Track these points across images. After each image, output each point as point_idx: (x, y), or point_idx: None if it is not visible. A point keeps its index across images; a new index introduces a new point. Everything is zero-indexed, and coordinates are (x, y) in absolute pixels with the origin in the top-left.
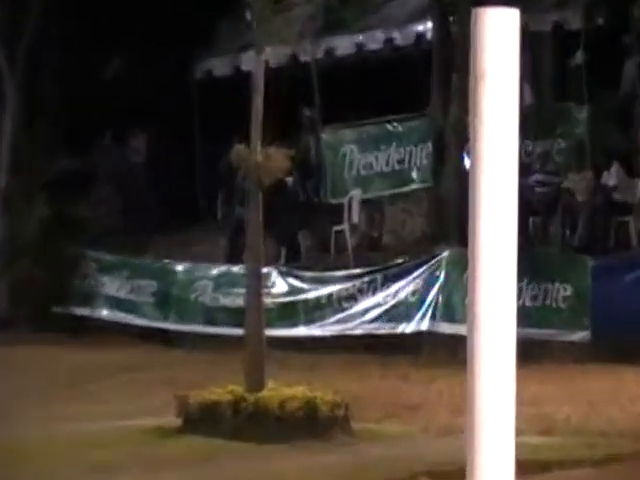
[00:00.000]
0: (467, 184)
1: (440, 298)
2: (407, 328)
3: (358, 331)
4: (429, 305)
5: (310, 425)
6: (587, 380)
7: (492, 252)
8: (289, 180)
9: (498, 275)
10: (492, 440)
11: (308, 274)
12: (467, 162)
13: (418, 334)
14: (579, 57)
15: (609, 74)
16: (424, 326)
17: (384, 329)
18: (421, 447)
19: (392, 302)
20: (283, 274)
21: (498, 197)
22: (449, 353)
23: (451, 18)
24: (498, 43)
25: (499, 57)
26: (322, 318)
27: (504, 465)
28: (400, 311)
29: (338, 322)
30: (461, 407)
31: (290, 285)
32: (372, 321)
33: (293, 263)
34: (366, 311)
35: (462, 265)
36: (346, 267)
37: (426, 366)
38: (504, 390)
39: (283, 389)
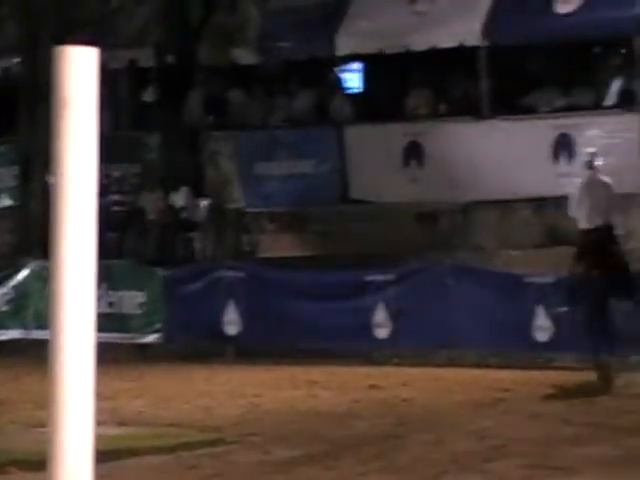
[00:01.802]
0: (51, 202)
1: (30, 306)
2: (2, 336)
3: None
4: (21, 313)
5: None
6: (159, 378)
7: (73, 263)
8: None
9: (79, 283)
10: (73, 431)
11: None
12: (51, 183)
13: (13, 341)
14: (152, 90)
15: (178, 106)
16: (18, 334)
17: None
18: (6, 440)
19: None
20: None
21: (79, 214)
22: (36, 354)
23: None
24: (79, 77)
25: (80, 90)
26: None
27: (84, 454)
28: None
29: None
30: (46, 402)
31: None
32: None
33: None
34: None
35: (47, 275)
36: None
37: (13, 367)
38: (83, 386)
39: None
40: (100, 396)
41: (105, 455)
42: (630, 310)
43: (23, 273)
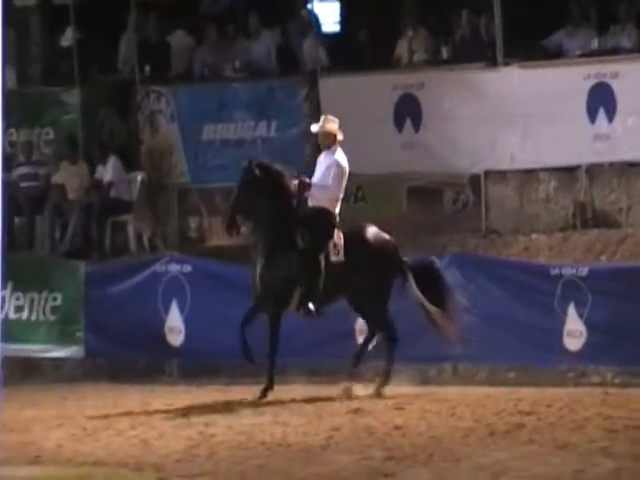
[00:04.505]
0: None
1: None
2: None
3: None
4: None
5: None
6: (81, 402)
7: None
8: None
9: None
10: None
11: None
12: None
13: None
14: (71, 33)
15: (105, 54)
16: None
17: None
18: None
19: None
20: None
21: None
22: None
23: None
24: None
25: None
26: None
27: None
28: None
29: None
30: None
31: None
32: None
33: None
34: None
35: None
36: None
37: None
38: None
39: None
40: (6, 427)
41: None
42: None
43: None
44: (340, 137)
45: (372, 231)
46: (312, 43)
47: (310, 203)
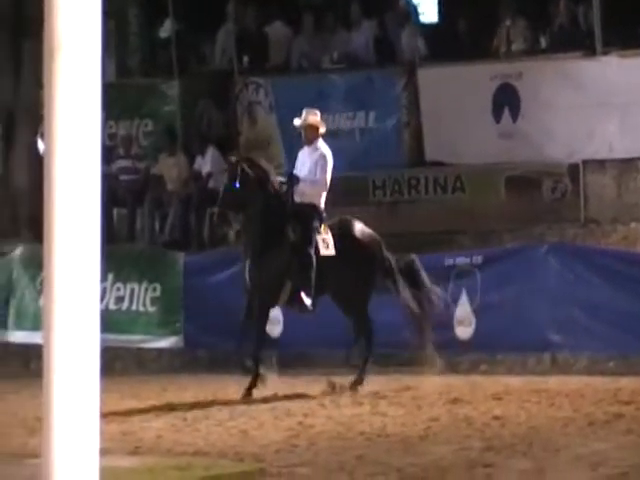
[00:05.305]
0: (42, 171)
1: (12, 302)
2: None
3: None
4: (4, 311)
5: None
6: (180, 392)
7: (71, 248)
8: None
9: (79, 275)
10: (74, 462)
11: None
12: (41, 147)
13: None
14: (169, 25)
15: (204, 45)
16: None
17: None
18: None
19: None
20: None
21: (78, 186)
22: (22, 365)
23: None
24: (76, 10)
25: (77, 25)
26: None
27: None
28: None
29: None
30: (37, 426)
31: None
32: None
33: None
34: None
35: (37, 264)
36: None
37: None
38: (87, 405)
39: None
40: (107, 418)
41: None
42: None
43: (6, 261)
44: (322, 130)
45: (358, 227)
46: (410, 33)
47: (297, 198)
